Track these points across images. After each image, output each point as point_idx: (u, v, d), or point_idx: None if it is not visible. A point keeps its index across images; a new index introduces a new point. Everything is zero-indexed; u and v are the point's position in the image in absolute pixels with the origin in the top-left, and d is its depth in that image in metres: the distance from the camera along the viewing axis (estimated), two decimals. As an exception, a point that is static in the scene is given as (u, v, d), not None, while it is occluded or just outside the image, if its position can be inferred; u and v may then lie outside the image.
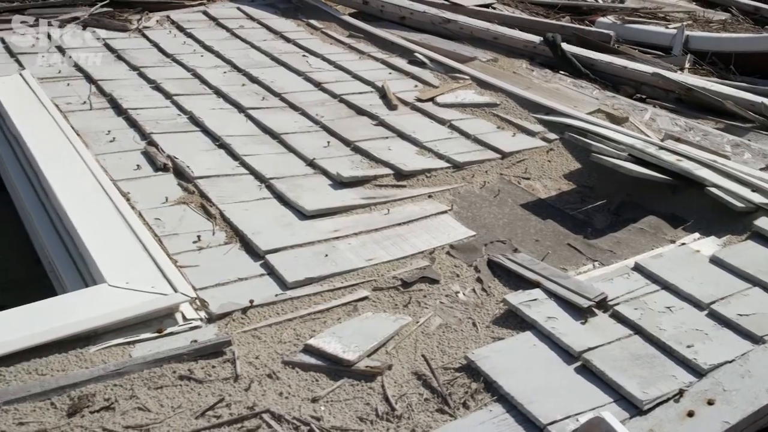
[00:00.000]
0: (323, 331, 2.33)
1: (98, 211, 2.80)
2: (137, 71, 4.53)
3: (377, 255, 2.74)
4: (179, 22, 5.56)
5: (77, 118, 3.73)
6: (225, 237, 2.81)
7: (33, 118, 3.63)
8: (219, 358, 2.18)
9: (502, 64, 4.99)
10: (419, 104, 4.17)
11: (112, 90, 4.14)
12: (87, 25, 5.40)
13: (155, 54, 4.89)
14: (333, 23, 5.69)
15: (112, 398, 1.99)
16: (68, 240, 2.75)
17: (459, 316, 2.47)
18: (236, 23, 5.59)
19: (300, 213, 2.99)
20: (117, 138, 3.58)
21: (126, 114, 3.86)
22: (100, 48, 4.99)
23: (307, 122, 3.90)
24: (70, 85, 4.25)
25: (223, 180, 3.22)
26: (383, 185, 3.28)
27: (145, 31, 5.33)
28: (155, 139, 3.55)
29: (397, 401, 2.07)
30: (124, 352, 2.17)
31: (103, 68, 4.54)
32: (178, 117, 3.88)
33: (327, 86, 4.39)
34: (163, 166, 3.29)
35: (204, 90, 4.29)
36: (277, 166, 3.37)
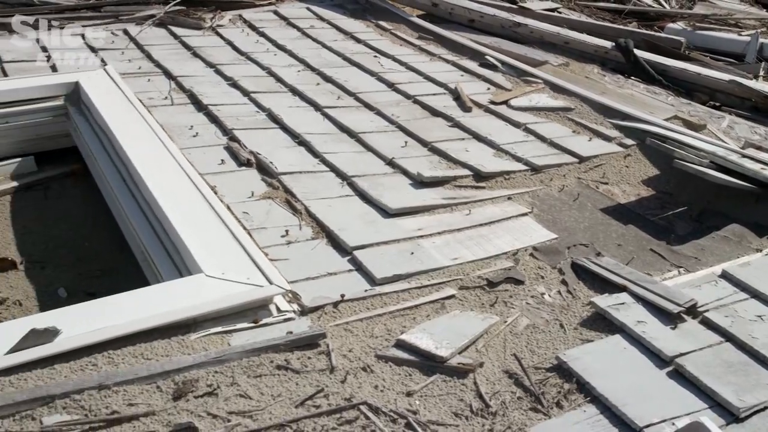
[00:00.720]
0: (414, 328, 2.36)
1: (189, 203, 2.87)
2: (214, 68, 4.62)
3: (461, 254, 2.76)
4: (251, 21, 5.65)
5: (160, 113, 3.82)
6: (311, 232, 2.86)
7: (119, 111, 3.73)
8: (314, 350, 2.22)
9: (574, 68, 4.98)
10: (493, 107, 4.18)
11: (192, 86, 4.23)
12: (163, 23, 5.52)
13: (230, 52, 4.98)
14: (402, 25, 5.73)
15: (215, 384, 2.05)
16: (161, 231, 2.84)
17: (546, 317, 2.48)
18: (307, 23, 5.66)
19: (383, 211, 3.03)
20: (200, 133, 3.66)
21: (206, 110, 3.94)
22: (176, 45, 5.10)
23: (383, 122, 3.94)
24: (150, 80, 4.35)
25: (305, 176, 3.28)
26: (462, 186, 3.30)
27: (219, 30, 5.42)
28: (237, 135, 3.62)
29: (491, 398, 2.09)
30: (222, 341, 2.22)
31: (181, 65, 4.63)
32: (257, 114, 3.95)
33: (400, 87, 4.43)
34: (247, 162, 3.35)
35: (280, 88, 4.36)
36: (357, 165, 3.41)
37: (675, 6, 7.37)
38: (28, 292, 3.04)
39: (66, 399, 1.94)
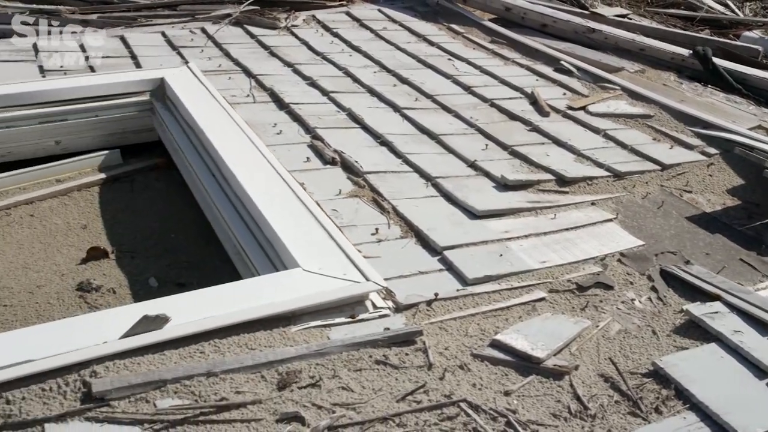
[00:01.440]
0: (508, 328, 2.38)
1: (280, 199, 2.93)
2: (291, 68, 4.69)
3: (550, 258, 2.78)
4: (324, 21, 5.72)
5: (243, 111, 3.90)
6: (400, 231, 2.90)
7: (205, 107, 3.82)
8: (411, 347, 2.26)
9: (650, 75, 4.94)
10: (571, 112, 4.18)
11: (272, 85, 4.31)
12: (239, 22, 5.62)
13: (306, 52, 5.05)
14: (474, 28, 5.75)
15: (317, 376, 2.10)
16: (253, 225, 2.90)
17: (637, 323, 2.49)
18: (379, 25, 5.71)
19: (469, 212, 3.05)
20: (283, 131, 3.73)
21: (288, 108, 4.01)
22: (253, 44, 5.20)
23: (461, 124, 3.97)
24: (231, 78, 4.44)
25: (390, 176, 3.32)
26: (545, 190, 3.31)
27: (294, 30, 5.50)
28: (320, 134, 3.68)
29: (589, 401, 2.11)
30: (321, 334, 2.27)
31: (259, 63, 4.72)
32: (337, 113, 4.00)
33: (476, 90, 4.45)
34: (332, 160, 3.41)
35: (357, 89, 4.41)
36: (440, 166, 3.44)
37: (749, 14, 7.25)
38: (121, 281, 3.13)
39: (177, 384, 2.00)
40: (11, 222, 3.52)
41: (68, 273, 3.17)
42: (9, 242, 3.37)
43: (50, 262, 3.25)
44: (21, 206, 3.64)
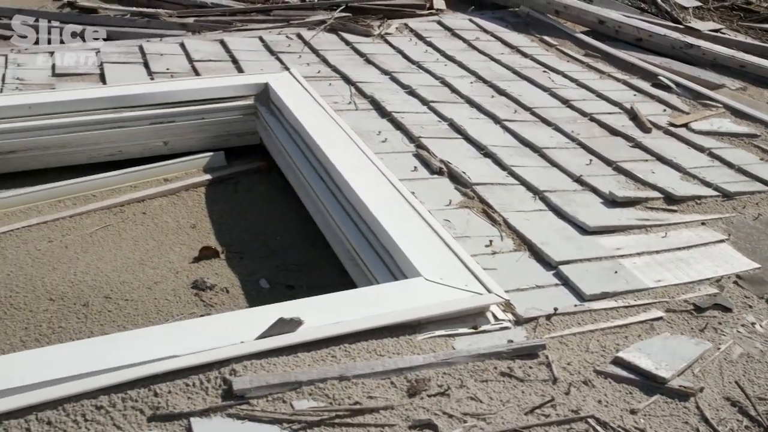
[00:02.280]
0: (629, 346, 2.39)
1: (395, 207, 2.98)
2: (389, 76, 4.75)
3: (664, 277, 2.77)
4: (417, 30, 5.77)
5: (347, 117, 3.96)
6: (513, 244, 2.92)
7: (311, 113, 3.90)
8: (534, 360, 2.28)
9: (752, 93, 4.86)
10: (673, 129, 4.14)
11: (372, 93, 4.37)
12: (333, 28, 5.71)
13: (401, 60, 5.11)
14: (566, 41, 5.73)
15: (445, 385, 2.14)
16: (368, 233, 2.96)
17: (760, 348, 2.46)
18: (471, 35, 5.74)
19: (579, 228, 3.06)
20: (388, 139, 3.78)
21: (390, 116, 4.07)
22: (348, 51, 5.28)
23: (563, 138, 3.97)
24: (331, 85, 4.53)
25: (497, 188, 3.35)
26: (654, 208, 3.30)
27: (387, 38, 5.57)
28: (424, 143, 3.73)
29: (718, 424, 2.10)
30: (446, 343, 2.31)
31: (357, 70, 4.79)
32: (439, 123, 4.04)
33: (574, 104, 4.44)
34: (439, 170, 3.45)
35: (456, 99, 4.44)
36: (545, 180, 3.46)
37: None
38: (233, 281, 3.23)
39: (311, 386, 2.07)
40: (125, 219, 3.65)
41: (182, 271, 3.28)
42: (125, 238, 3.50)
43: (164, 259, 3.36)
44: (134, 204, 3.77)
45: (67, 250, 3.38)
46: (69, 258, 3.32)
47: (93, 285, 3.13)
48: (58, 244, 3.42)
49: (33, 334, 2.85)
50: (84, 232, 3.52)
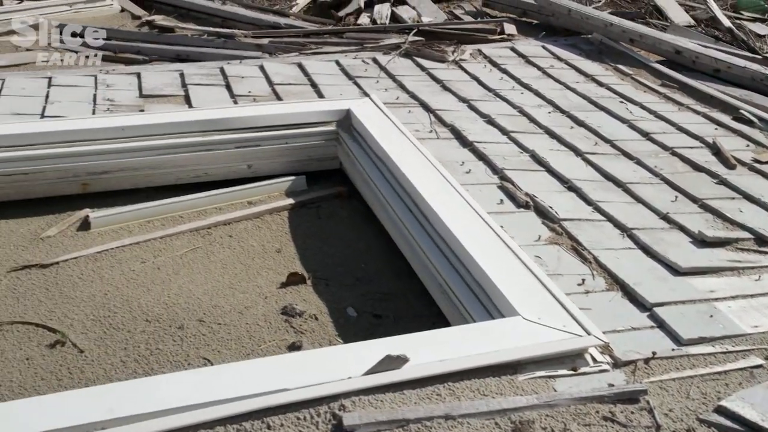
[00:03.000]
0: (731, 395, 2.37)
1: (485, 241, 3.01)
2: (467, 103, 4.79)
3: (762, 323, 2.74)
4: (491, 56, 5.81)
5: (429, 146, 4.01)
6: (605, 283, 2.93)
7: (394, 141, 3.95)
8: (636, 405, 2.29)
9: (838, 130, 4.78)
10: (758, 166, 4.09)
11: (452, 121, 4.41)
12: (408, 53, 5.78)
13: (477, 88, 5.15)
14: (642, 70, 5.71)
15: (549, 428, 2.15)
16: (459, 266, 2.99)
17: None
18: (546, 62, 5.75)
19: (671, 268, 3.05)
20: (472, 170, 3.82)
21: (472, 146, 4.11)
22: (424, 77, 5.34)
23: (646, 173, 3.95)
24: (411, 112, 4.58)
25: (585, 224, 3.35)
26: (745, 249, 3.27)
27: (462, 64, 5.61)
28: (508, 175, 3.75)
29: (829, 481, 2.08)
30: (547, 385, 2.33)
31: (435, 97, 4.85)
32: (520, 154, 4.07)
33: (655, 137, 4.41)
34: (525, 204, 3.47)
35: (535, 129, 4.46)
36: (631, 216, 3.45)
37: None
38: (320, 308, 3.28)
39: (418, 424, 2.10)
40: (213, 241, 3.74)
41: (271, 296, 3.35)
42: (213, 261, 3.59)
43: (252, 284, 3.44)
44: (220, 226, 3.86)
45: (160, 272, 3.48)
46: (162, 280, 3.41)
47: (186, 308, 3.22)
48: (151, 266, 3.52)
49: (132, 355, 2.94)
50: (174, 254, 3.62)
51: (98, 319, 3.13)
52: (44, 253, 3.57)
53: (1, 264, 3.47)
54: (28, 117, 4.32)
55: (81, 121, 4.10)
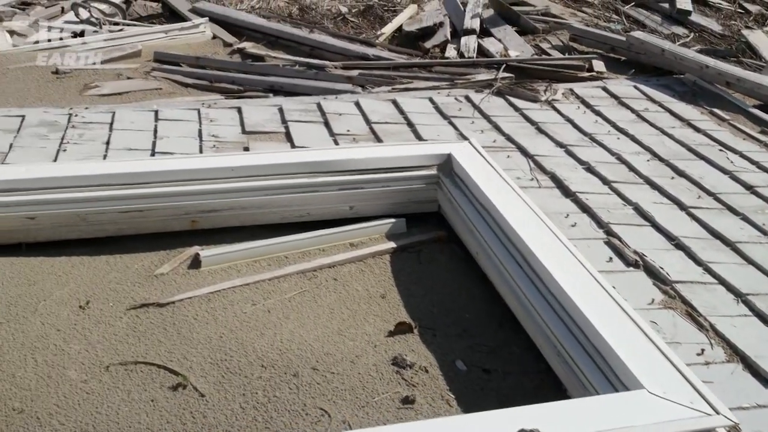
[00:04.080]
0: None
1: (601, 303, 3.01)
2: (564, 149, 4.80)
3: None
4: (583, 97, 5.80)
5: (532, 195, 4.02)
6: (724, 354, 2.91)
7: (496, 189, 3.98)
8: (772, 492, 2.28)
9: None
10: None
11: (552, 168, 4.43)
12: (500, 91, 5.81)
13: (572, 131, 5.15)
14: (739, 115, 5.63)
15: None
16: (575, 329, 3.00)
17: None
18: (639, 104, 5.72)
19: (791, 339, 3.02)
20: (577, 223, 3.83)
21: (574, 197, 4.12)
22: (518, 118, 5.36)
23: (753, 231, 3.91)
24: (510, 157, 4.61)
25: (697, 287, 3.34)
26: None
27: (555, 104, 5.62)
28: (614, 230, 3.75)
29: None
30: (676, 465, 2.33)
31: (532, 141, 4.87)
32: (624, 207, 4.06)
33: (760, 191, 4.36)
34: (635, 263, 3.47)
35: (635, 179, 4.44)
36: (744, 279, 3.42)
37: None
38: (429, 359, 3.33)
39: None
40: (319, 284, 3.82)
41: (379, 345, 3.41)
42: (320, 305, 3.67)
43: (361, 330, 3.50)
44: (325, 269, 3.94)
45: (270, 315, 3.57)
46: (273, 323, 3.51)
47: (299, 354, 3.30)
48: (261, 308, 3.61)
49: (251, 402, 3.02)
50: (283, 297, 3.71)
51: (216, 363, 3.23)
52: (159, 291, 3.69)
53: (121, 301, 3.60)
54: (140, 152, 4.49)
55: (192, 160, 4.24)
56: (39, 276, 3.72)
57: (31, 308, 3.49)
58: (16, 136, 4.62)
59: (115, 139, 4.63)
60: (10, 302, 3.52)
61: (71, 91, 6.12)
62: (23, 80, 6.24)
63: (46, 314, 3.46)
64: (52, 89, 6.13)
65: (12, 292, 3.59)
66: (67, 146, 4.50)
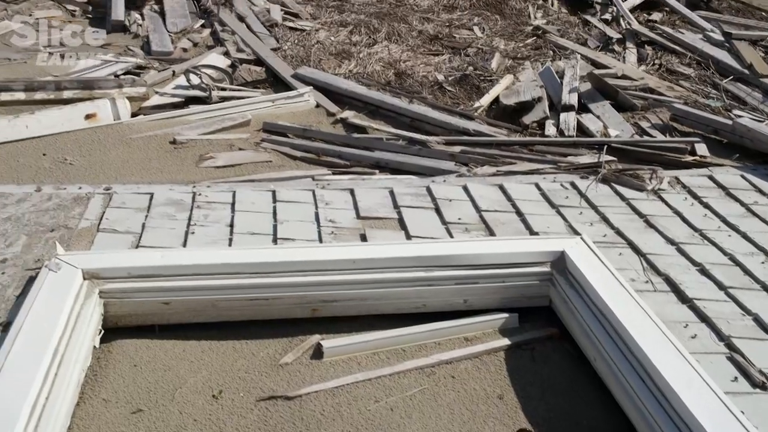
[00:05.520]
0: None
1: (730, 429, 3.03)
2: (675, 246, 4.81)
3: None
4: (690, 186, 5.80)
5: (648, 300, 4.05)
6: None
7: (613, 294, 4.02)
8: None
9: None
10: None
11: (665, 269, 4.45)
12: (605, 179, 5.86)
13: (681, 225, 5.15)
14: None
15: None
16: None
17: None
18: (748, 197, 5.69)
19: None
20: (697, 335, 3.84)
21: (691, 303, 4.13)
22: (625, 208, 5.39)
23: None
24: (621, 255, 4.65)
25: (829, 415, 3.32)
26: None
27: (661, 194, 5.64)
28: (735, 344, 3.75)
29: None
30: None
31: (642, 236, 4.90)
32: (743, 318, 4.05)
33: None
34: (761, 385, 3.46)
35: (752, 284, 4.42)
36: None
37: None
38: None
39: None
40: (437, 382, 3.93)
41: (501, 451, 3.48)
42: (441, 405, 3.77)
43: (482, 435, 3.59)
44: (443, 365, 4.04)
45: (393, 414, 3.68)
46: (397, 423, 3.62)
47: (425, 458, 3.40)
48: (384, 406, 3.73)
49: None
50: (404, 394, 3.82)
51: (345, 464, 3.35)
52: (285, 382, 3.85)
53: (250, 391, 3.77)
54: (262, 237, 4.70)
55: (314, 251, 4.42)
56: (173, 361, 3.93)
57: (168, 396, 3.69)
58: (147, 215, 4.88)
59: (238, 222, 4.85)
60: (149, 388, 3.73)
61: (188, 162, 6.42)
62: (144, 150, 6.58)
63: (183, 403, 3.65)
64: (171, 160, 6.45)
65: (150, 377, 3.80)
66: (195, 228, 4.73)
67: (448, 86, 9.00)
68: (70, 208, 4.95)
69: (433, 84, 9.09)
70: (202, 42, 10.47)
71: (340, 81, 8.66)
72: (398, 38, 11.00)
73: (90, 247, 4.49)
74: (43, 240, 4.51)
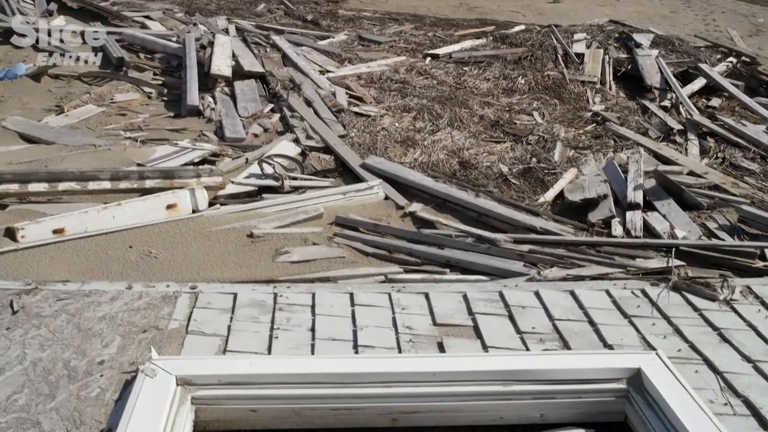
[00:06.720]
0: None
1: None
2: (752, 364, 4.82)
3: None
4: (762, 297, 5.80)
5: (728, 424, 4.08)
6: None
7: (694, 418, 4.06)
8: None
9: None
10: None
11: (744, 391, 4.46)
12: (676, 286, 5.90)
13: (757, 341, 5.15)
14: None
15: None
16: None
17: None
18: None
19: None
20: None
21: (771, 429, 4.14)
22: (698, 320, 5.42)
23: None
24: (698, 372, 4.68)
25: None
26: None
27: (734, 305, 5.65)
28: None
29: None
30: None
31: (717, 352, 4.91)
32: (827, 448, 4.05)
33: None
34: None
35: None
36: None
37: None
38: None
39: None
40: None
41: None
42: None
43: None
44: (520, 485, 4.10)
45: None
46: None
47: None
48: None
49: None
50: None
51: None
52: (370, 494, 3.95)
53: (334, 500, 3.88)
54: (343, 343, 4.85)
55: (395, 362, 4.56)
56: (261, 470, 4.06)
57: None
58: (232, 317, 5.08)
59: (319, 326, 5.02)
60: (239, 496, 3.86)
61: (265, 257, 6.66)
62: (224, 243, 6.85)
63: None
64: (249, 254, 6.70)
65: (239, 484, 3.94)
66: (278, 332, 4.91)
67: (513, 179, 9.17)
68: (159, 307, 5.19)
69: (497, 176, 9.27)
70: (273, 128, 10.85)
71: (407, 172, 8.90)
72: (460, 124, 11.26)
73: (180, 350, 4.69)
74: (136, 341, 4.73)
